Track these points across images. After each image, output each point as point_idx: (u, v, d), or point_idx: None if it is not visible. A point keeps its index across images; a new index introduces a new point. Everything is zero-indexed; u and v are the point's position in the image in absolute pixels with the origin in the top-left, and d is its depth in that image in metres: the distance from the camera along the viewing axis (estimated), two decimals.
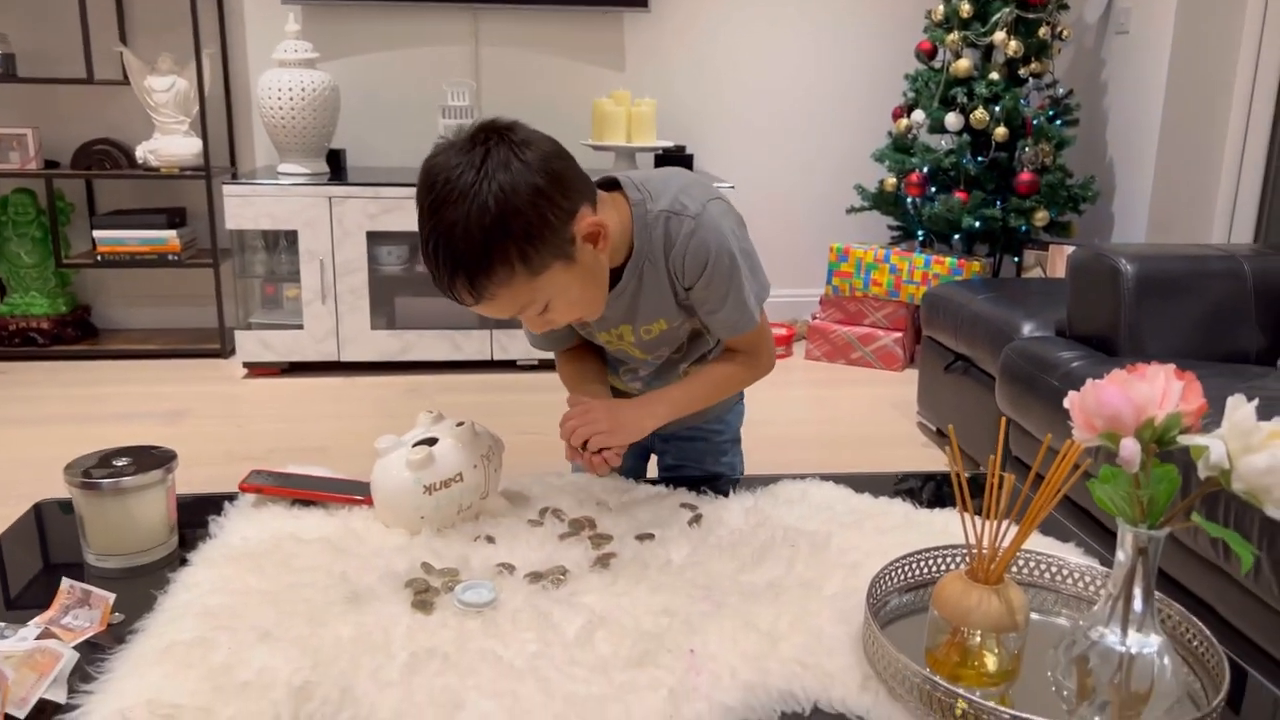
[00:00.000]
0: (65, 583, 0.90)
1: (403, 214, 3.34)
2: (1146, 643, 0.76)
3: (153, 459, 1.04)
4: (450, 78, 3.69)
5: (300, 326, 3.43)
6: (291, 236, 3.42)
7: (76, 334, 3.68)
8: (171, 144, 3.49)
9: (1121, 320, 2.18)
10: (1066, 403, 0.74)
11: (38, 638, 0.83)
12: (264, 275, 3.61)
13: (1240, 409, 0.68)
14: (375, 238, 3.43)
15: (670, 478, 1.28)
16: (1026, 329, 2.44)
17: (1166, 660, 0.76)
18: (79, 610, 0.89)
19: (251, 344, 3.43)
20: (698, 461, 1.43)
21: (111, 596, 0.90)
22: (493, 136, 1.01)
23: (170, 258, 3.55)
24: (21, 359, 3.55)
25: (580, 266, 1.06)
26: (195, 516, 1.09)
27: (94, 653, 0.84)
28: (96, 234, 3.52)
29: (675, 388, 1.25)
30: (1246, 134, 3.25)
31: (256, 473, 1.15)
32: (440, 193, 0.99)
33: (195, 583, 0.95)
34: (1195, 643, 0.85)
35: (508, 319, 1.09)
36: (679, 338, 1.26)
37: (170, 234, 3.54)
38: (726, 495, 1.20)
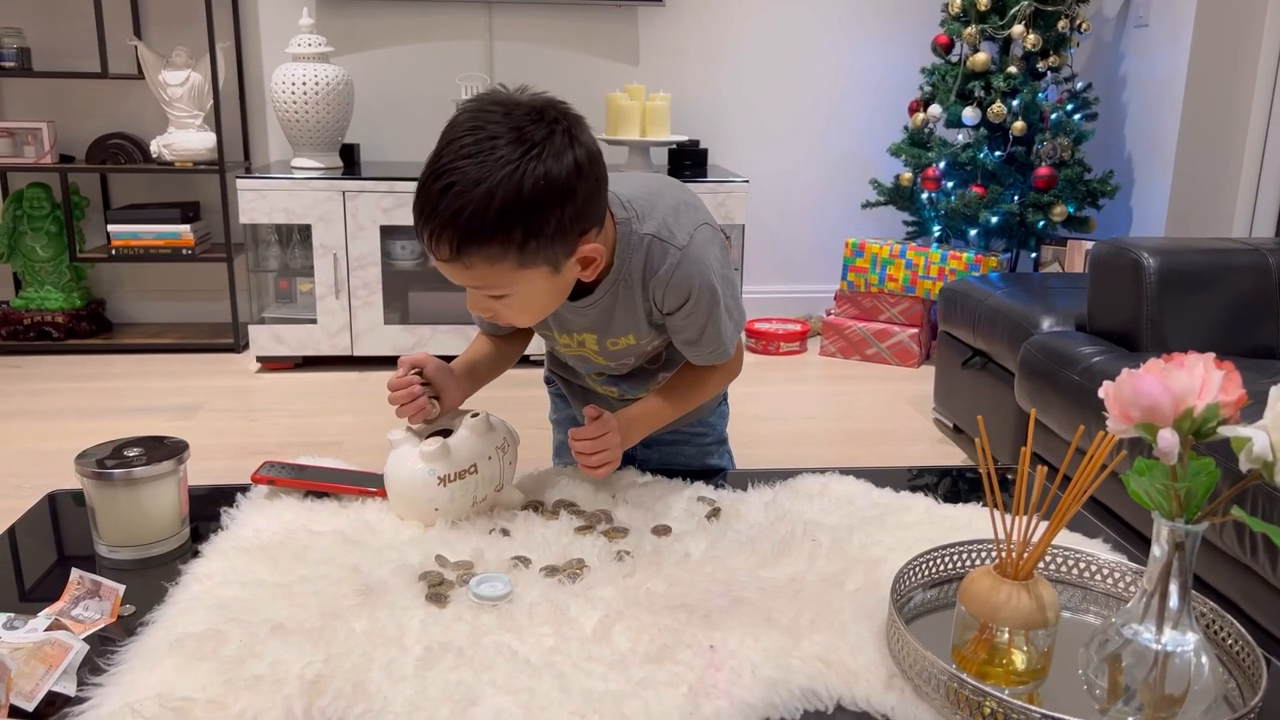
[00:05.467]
0: (75, 573, 0.89)
1: None
2: (1182, 641, 0.74)
3: (165, 450, 1.03)
4: (464, 72, 3.68)
5: (314, 321, 3.42)
6: (305, 231, 3.41)
7: (91, 328, 3.68)
8: (186, 138, 3.49)
9: (1143, 315, 2.15)
10: (1102, 392, 0.72)
11: (47, 629, 0.82)
12: (277, 270, 3.60)
13: None
14: (389, 232, 3.42)
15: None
16: (1046, 324, 2.41)
17: (1203, 659, 0.73)
18: (89, 601, 0.87)
19: (265, 338, 3.42)
20: (683, 466, 1.38)
21: (121, 588, 0.89)
22: (562, 121, 0.97)
23: (184, 252, 3.55)
24: (36, 353, 3.55)
25: (559, 280, 1.02)
26: (207, 508, 1.08)
27: (104, 645, 0.83)
28: (111, 228, 3.52)
29: (655, 398, 1.22)
30: (1268, 127, 3.21)
31: (269, 464, 1.14)
32: (481, 142, 0.93)
33: (207, 574, 0.94)
34: (1230, 641, 0.83)
35: (457, 285, 1.04)
36: (647, 351, 1.24)
37: (184, 228, 3.53)
38: (745, 489, 1.18)
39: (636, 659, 0.82)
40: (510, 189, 0.92)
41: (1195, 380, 0.68)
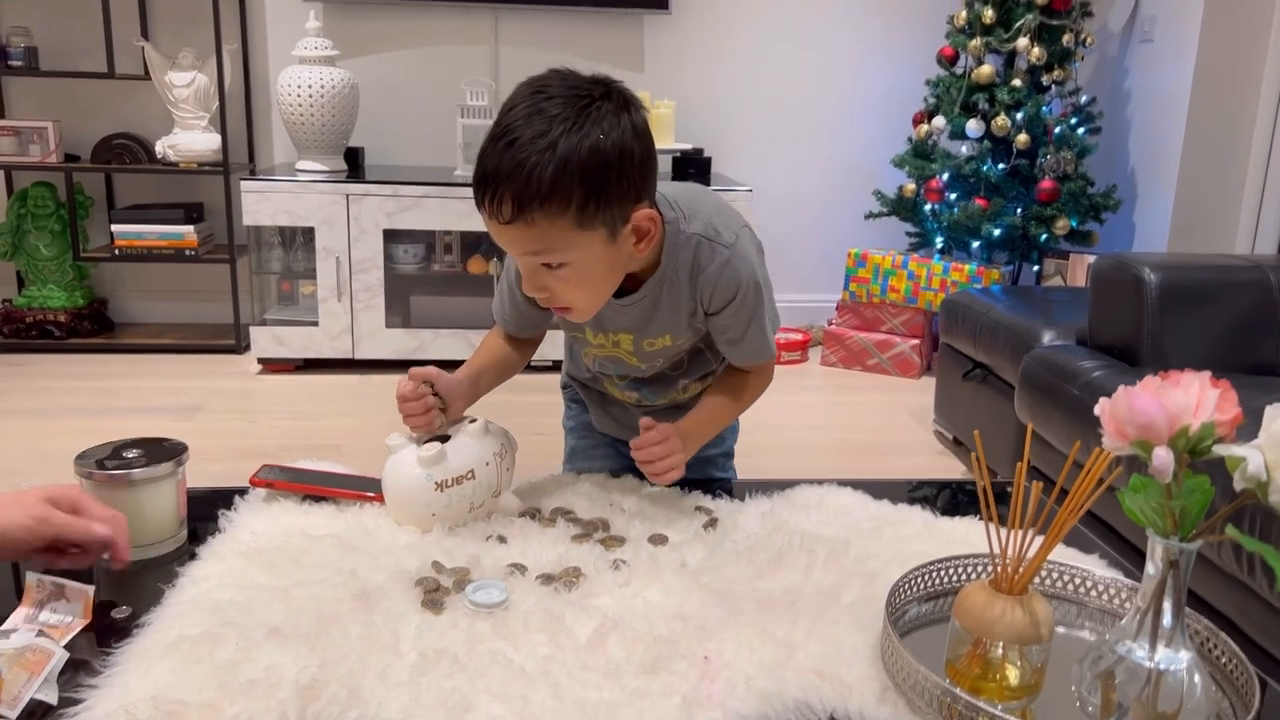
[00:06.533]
0: (32, 577, 0.86)
1: (420, 212, 3.33)
2: (1175, 659, 0.74)
3: (164, 451, 1.03)
4: (469, 77, 3.68)
5: (315, 323, 3.42)
6: (308, 233, 3.42)
7: (93, 327, 3.69)
8: (191, 139, 3.50)
9: (1144, 330, 2.15)
10: (1097, 410, 0.72)
11: (37, 635, 0.82)
12: (280, 272, 3.61)
13: (1279, 419, 0.66)
14: (392, 236, 3.43)
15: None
16: (1047, 338, 2.41)
17: (1196, 678, 0.73)
18: (56, 604, 0.86)
19: (266, 340, 3.43)
20: (689, 477, 1.40)
21: (90, 589, 0.86)
22: (615, 88, 1.01)
23: (187, 253, 3.55)
24: (38, 351, 3.56)
25: (615, 251, 1.04)
26: (205, 510, 1.08)
27: (99, 646, 0.83)
28: (115, 228, 3.53)
29: (705, 408, 1.23)
30: (1272, 144, 3.21)
31: (268, 467, 1.14)
32: (540, 103, 0.97)
33: (204, 577, 0.94)
34: (1224, 660, 0.83)
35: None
36: (677, 354, 1.25)
37: (188, 229, 3.54)
38: (742, 499, 1.18)
39: (631, 668, 0.82)
40: (570, 145, 0.95)
41: (1191, 399, 0.69)
